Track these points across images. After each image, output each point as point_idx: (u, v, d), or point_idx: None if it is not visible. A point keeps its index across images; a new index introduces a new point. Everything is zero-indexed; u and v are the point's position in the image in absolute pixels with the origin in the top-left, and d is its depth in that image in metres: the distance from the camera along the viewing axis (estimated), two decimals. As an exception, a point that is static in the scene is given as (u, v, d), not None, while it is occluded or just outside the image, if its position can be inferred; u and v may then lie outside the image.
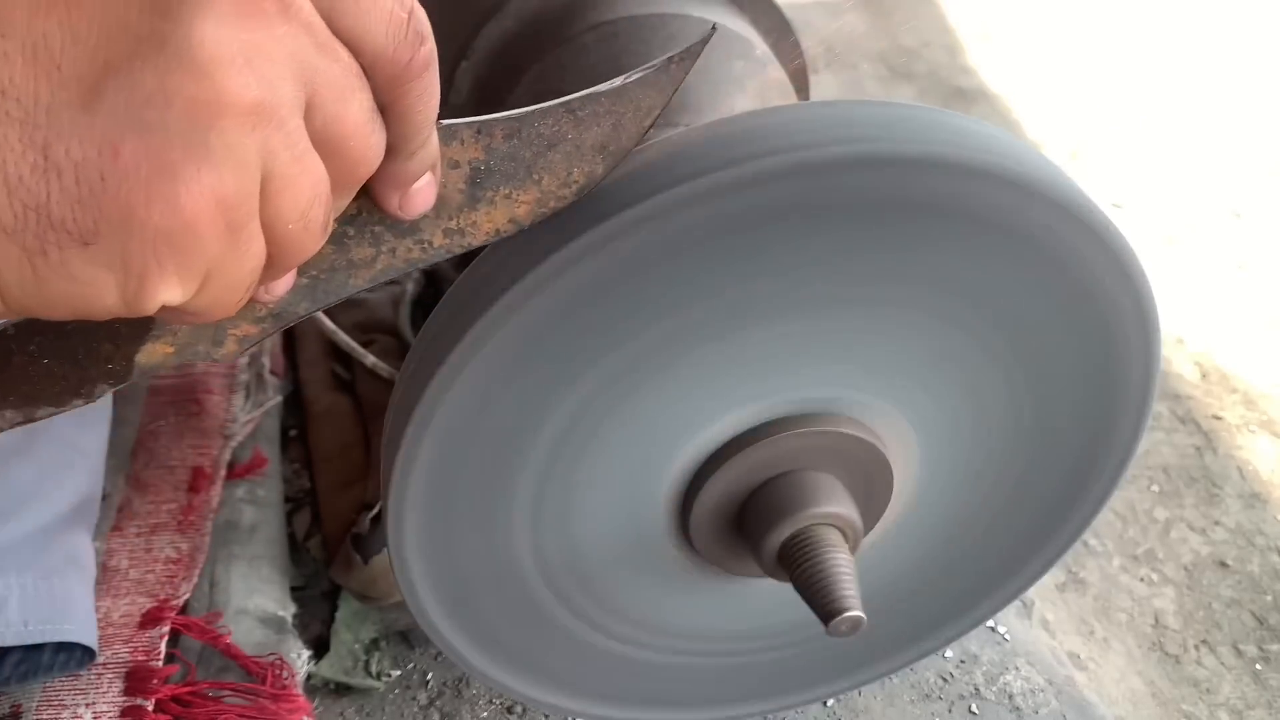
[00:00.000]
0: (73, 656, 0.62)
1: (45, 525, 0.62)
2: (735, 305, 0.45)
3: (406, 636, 0.73)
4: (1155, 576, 1.03)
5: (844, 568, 0.48)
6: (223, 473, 0.79)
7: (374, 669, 0.71)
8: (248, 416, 0.84)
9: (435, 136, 0.35)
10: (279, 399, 0.90)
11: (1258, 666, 0.95)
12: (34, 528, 0.62)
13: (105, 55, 0.26)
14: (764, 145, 0.42)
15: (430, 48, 0.32)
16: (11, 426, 0.37)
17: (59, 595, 0.61)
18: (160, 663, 0.64)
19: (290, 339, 0.95)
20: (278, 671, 0.65)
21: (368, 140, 0.32)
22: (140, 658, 0.64)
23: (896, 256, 0.46)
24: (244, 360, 0.90)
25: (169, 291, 0.29)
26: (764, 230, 0.43)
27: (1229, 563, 1.04)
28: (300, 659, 0.67)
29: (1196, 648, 0.97)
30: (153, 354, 0.36)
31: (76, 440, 0.68)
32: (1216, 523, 1.08)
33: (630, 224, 0.42)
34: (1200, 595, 1.01)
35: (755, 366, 0.48)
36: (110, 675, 0.63)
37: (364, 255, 0.37)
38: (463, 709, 0.70)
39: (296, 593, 0.75)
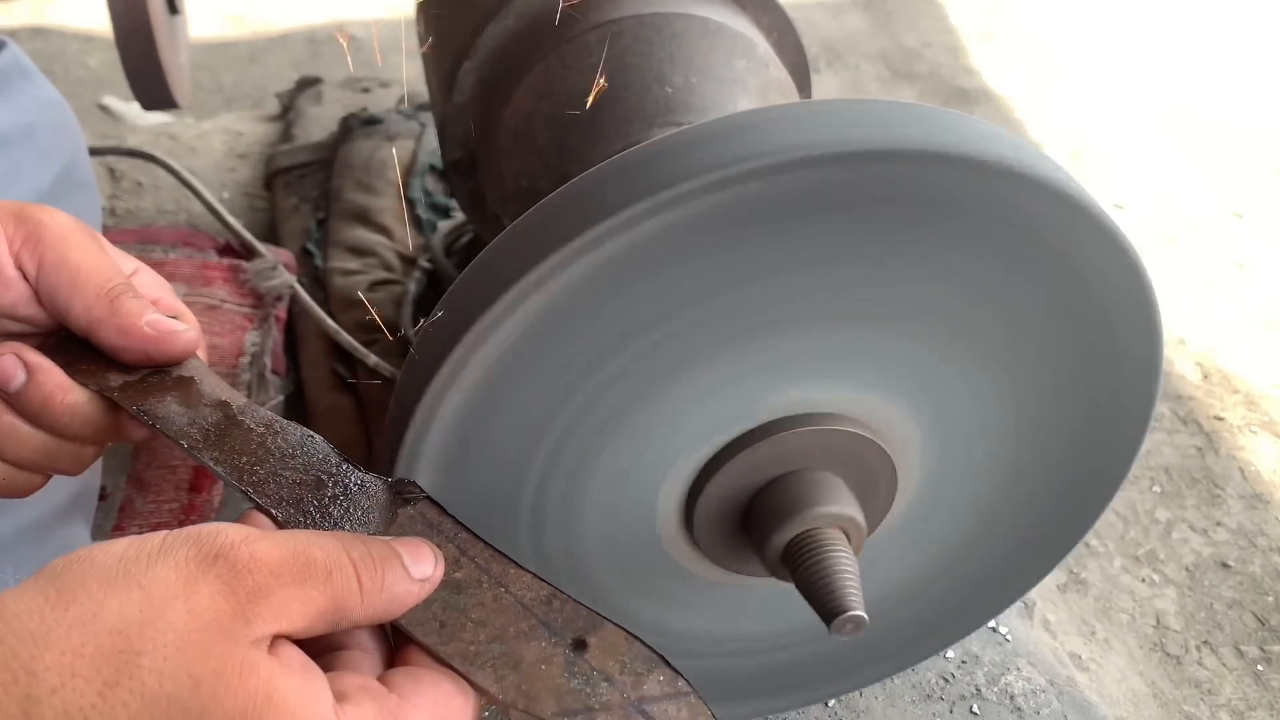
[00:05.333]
0: None
1: (41, 519, 0.62)
2: (738, 304, 0.45)
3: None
4: (1157, 577, 1.03)
5: (847, 568, 0.48)
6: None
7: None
8: (249, 416, 0.84)
9: None
10: (281, 398, 0.90)
11: (1259, 667, 0.95)
12: (30, 521, 0.61)
13: None
14: (764, 143, 0.42)
15: None
16: None
17: None
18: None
19: (292, 338, 0.96)
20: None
21: None
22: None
23: (898, 255, 0.46)
24: (246, 360, 0.90)
25: None
26: (764, 228, 0.43)
27: (1230, 563, 1.04)
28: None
29: (1198, 648, 0.96)
30: None
31: None
32: (1218, 523, 1.08)
33: (631, 222, 0.42)
34: (1202, 596, 1.01)
35: (758, 365, 0.48)
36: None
37: None
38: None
39: (298, 592, 0.75)
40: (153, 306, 0.44)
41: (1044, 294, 0.49)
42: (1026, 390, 0.53)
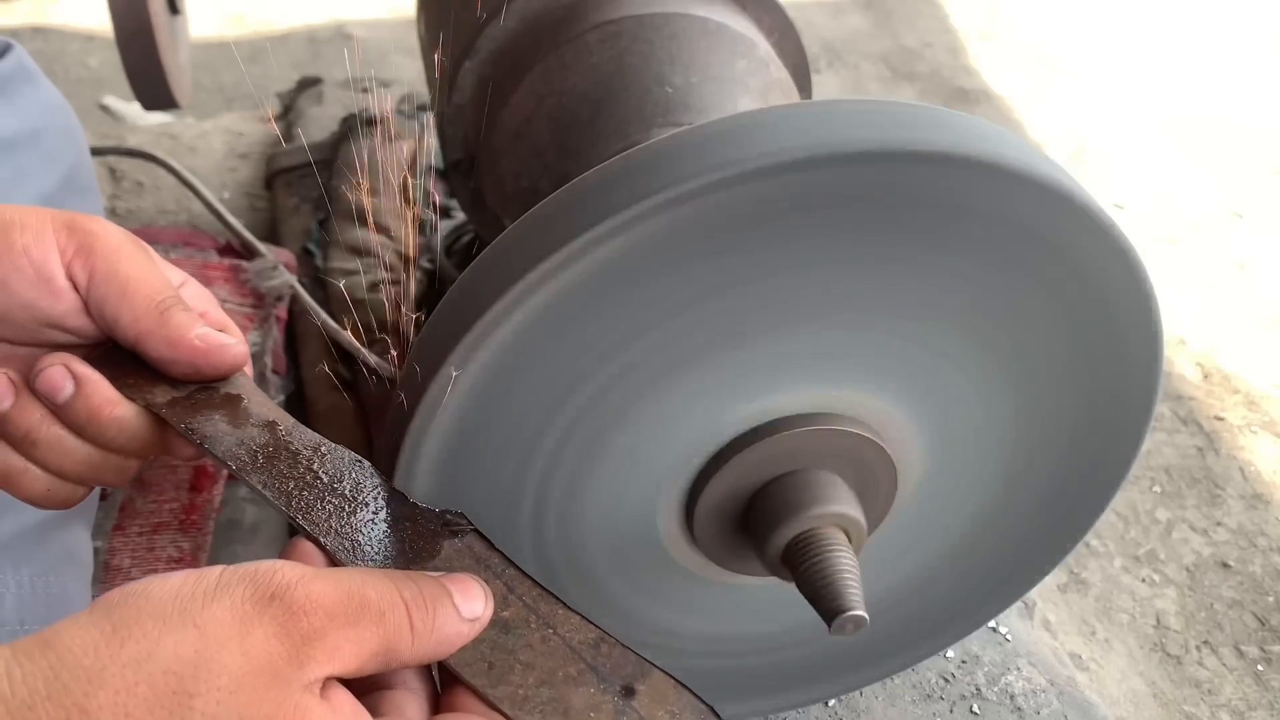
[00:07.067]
0: None
1: (42, 519, 0.62)
2: (738, 304, 0.45)
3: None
4: (1157, 577, 1.03)
5: (847, 567, 0.48)
6: (225, 472, 0.79)
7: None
8: (250, 416, 0.84)
9: None
10: (281, 399, 0.90)
11: (1259, 668, 0.95)
12: (31, 522, 0.61)
13: None
14: (765, 143, 0.42)
15: None
16: None
17: (56, 593, 0.61)
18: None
19: (292, 339, 0.96)
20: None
21: None
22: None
23: (898, 255, 0.46)
24: (246, 359, 0.90)
25: None
26: (764, 228, 0.43)
27: (1231, 563, 1.04)
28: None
29: (1198, 649, 0.97)
30: None
31: None
32: (1218, 523, 1.08)
33: (632, 222, 0.42)
34: (1202, 596, 1.01)
35: (759, 365, 0.48)
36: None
37: None
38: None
39: (298, 592, 0.75)
40: (202, 320, 0.44)
41: (1044, 294, 0.49)
42: (1026, 390, 0.53)
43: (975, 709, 0.71)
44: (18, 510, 0.61)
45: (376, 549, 0.40)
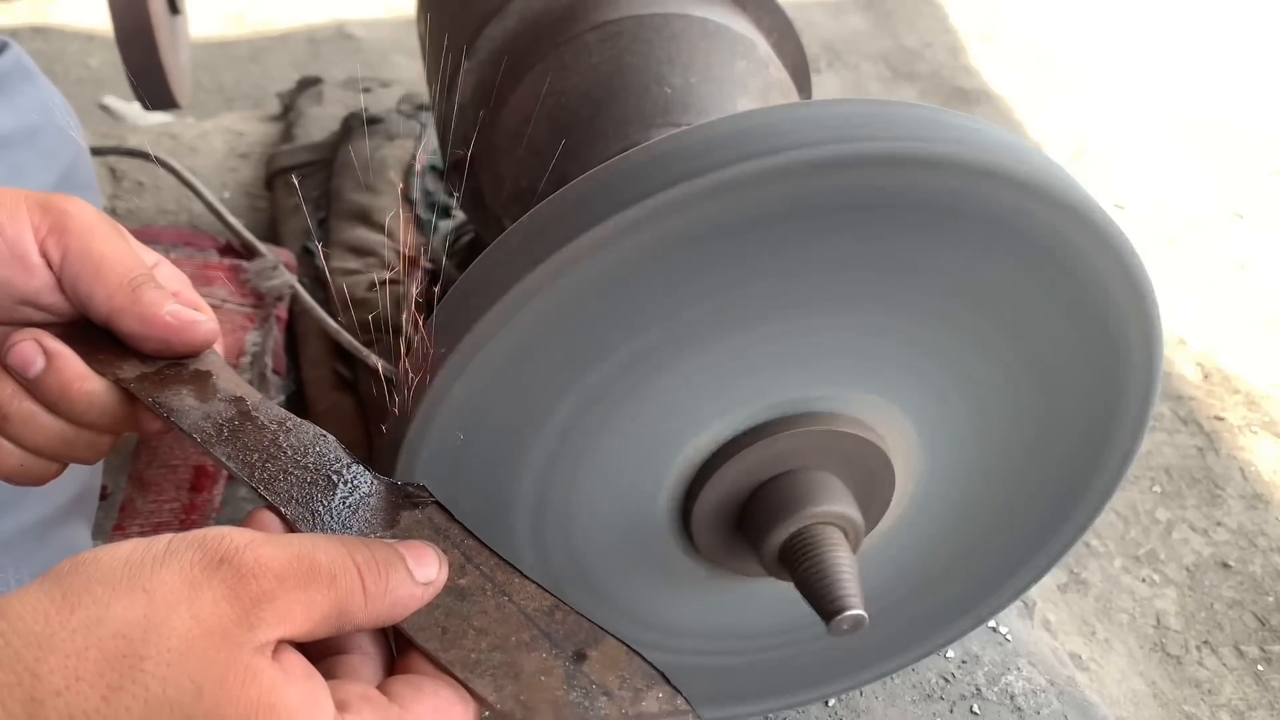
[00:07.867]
0: None
1: (43, 518, 0.62)
2: (737, 305, 0.45)
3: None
4: (1157, 577, 1.03)
5: (845, 567, 0.48)
6: (225, 471, 0.79)
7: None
8: (250, 415, 0.84)
9: None
10: (282, 398, 0.90)
11: (1259, 668, 0.95)
12: (32, 521, 0.61)
13: None
14: (764, 144, 0.42)
15: None
16: None
17: None
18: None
19: (293, 338, 0.96)
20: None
21: None
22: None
23: (898, 256, 0.46)
24: (247, 360, 0.90)
25: None
26: (764, 230, 0.43)
27: (1231, 564, 1.04)
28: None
29: (1198, 648, 0.97)
30: None
31: None
32: (1218, 524, 1.08)
33: (632, 224, 0.42)
34: (1202, 596, 1.01)
35: (757, 366, 0.48)
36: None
37: None
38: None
39: (298, 591, 0.75)
40: (174, 297, 0.45)
41: (1043, 295, 0.49)
42: (1025, 390, 0.53)
43: (975, 709, 0.71)
44: (18, 509, 0.61)
45: (336, 518, 0.40)
